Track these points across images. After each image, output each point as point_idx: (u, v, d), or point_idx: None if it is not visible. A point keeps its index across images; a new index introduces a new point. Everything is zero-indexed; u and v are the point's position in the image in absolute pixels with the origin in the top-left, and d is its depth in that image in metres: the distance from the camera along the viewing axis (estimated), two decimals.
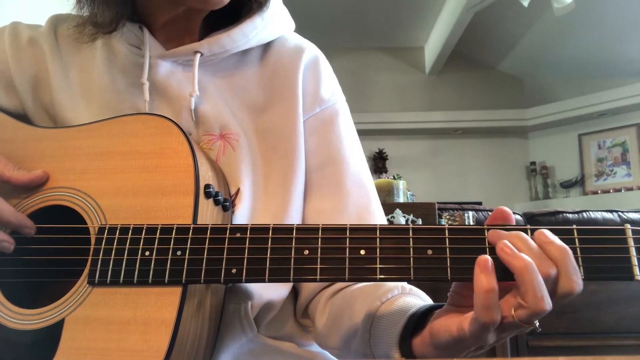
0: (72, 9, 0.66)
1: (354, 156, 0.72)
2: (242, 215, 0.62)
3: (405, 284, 0.60)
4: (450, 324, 0.45)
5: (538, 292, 0.41)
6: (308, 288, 0.67)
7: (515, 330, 0.43)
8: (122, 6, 0.63)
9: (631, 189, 4.74)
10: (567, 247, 0.43)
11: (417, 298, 0.57)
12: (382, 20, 5.04)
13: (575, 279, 0.42)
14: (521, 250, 0.43)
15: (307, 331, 0.71)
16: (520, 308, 0.42)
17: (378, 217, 0.70)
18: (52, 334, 0.49)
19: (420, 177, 5.34)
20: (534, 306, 0.41)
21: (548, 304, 0.41)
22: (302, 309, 0.69)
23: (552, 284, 0.42)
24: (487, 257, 0.43)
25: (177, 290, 0.49)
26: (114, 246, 0.51)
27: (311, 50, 0.75)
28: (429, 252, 0.46)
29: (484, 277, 0.42)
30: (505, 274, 0.43)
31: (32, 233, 0.55)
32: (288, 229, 0.49)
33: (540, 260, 0.42)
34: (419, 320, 0.51)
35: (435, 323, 0.47)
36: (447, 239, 0.46)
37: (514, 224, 0.47)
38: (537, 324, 0.42)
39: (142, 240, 0.50)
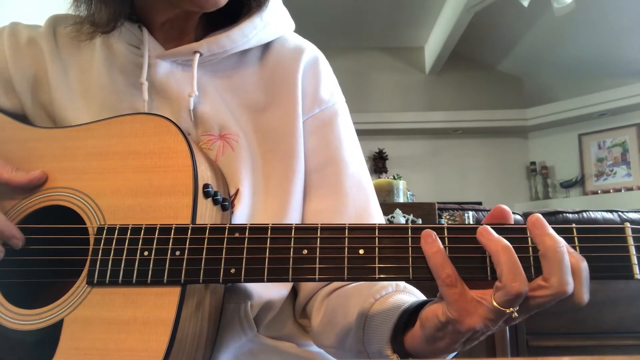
0: (69, 7, 0.66)
1: (353, 157, 0.72)
2: (242, 216, 0.62)
3: (399, 281, 0.60)
4: (437, 309, 0.46)
5: (512, 273, 0.42)
6: (307, 288, 0.67)
7: (498, 318, 0.43)
8: (120, 5, 0.63)
9: (631, 189, 4.74)
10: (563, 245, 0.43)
11: (410, 295, 0.57)
12: (382, 20, 5.04)
13: (567, 281, 0.42)
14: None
15: (307, 331, 0.71)
16: (497, 290, 0.42)
17: (377, 218, 0.70)
18: (52, 334, 0.49)
19: (420, 177, 5.34)
20: (509, 287, 0.41)
21: (523, 285, 0.42)
22: (301, 309, 0.69)
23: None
24: (429, 229, 0.46)
25: (176, 290, 0.49)
26: (113, 246, 0.51)
27: (311, 51, 0.75)
28: None
29: (427, 244, 0.46)
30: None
31: (20, 245, 0.54)
32: (287, 229, 0.49)
33: None
34: (410, 316, 0.51)
35: (423, 313, 0.48)
36: (446, 239, 0.46)
37: (512, 222, 0.47)
38: (515, 311, 0.42)
39: (140, 240, 0.50)
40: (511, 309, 0.42)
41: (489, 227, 0.45)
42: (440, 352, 0.48)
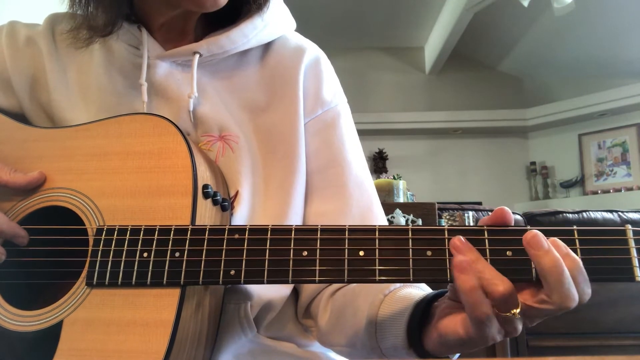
0: (68, 8, 0.65)
1: (356, 158, 0.71)
2: (241, 218, 0.62)
3: None
4: (457, 326, 0.45)
5: (491, 279, 0.42)
6: (309, 288, 0.67)
7: (511, 325, 0.43)
8: (118, 8, 0.63)
9: (631, 189, 4.74)
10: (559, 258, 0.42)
11: (418, 289, 0.57)
12: (382, 20, 5.04)
13: (570, 296, 0.42)
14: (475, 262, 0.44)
15: (309, 331, 0.71)
16: (491, 300, 0.42)
17: (380, 219, 0.70)
18: (51, 336, 0.49)
19: (420, 177, 5.34)
20: (495, 293, 0.42)
21: (506, 285, 0.42)
22: (304, 309, 0.69)
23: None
24: (462, 257, 0.44)
25: (175, 292, 0.49)
26: (112, 247, 0.51)
27: (312, 51, 0.75)
28: (429, 253, 0.46)
29: (463, 277, 0.43)
30: None
31: (26, 242, 0.54)
32: (287, 230, 0.49)
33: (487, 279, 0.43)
34: (424, 309, 0.51)
35: (442, 324, 0.47)
36: (446, 240, 0.46)
37: (513, 224, 0.47)
38: (518, 311, 0.42)
39: (140, 241, 0.50)
40: (513, 310, 0.42)
41: (461, 237, 0.45)
42: (457, 352, 0.49)
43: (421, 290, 0.57)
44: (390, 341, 0.53)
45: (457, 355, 0.51)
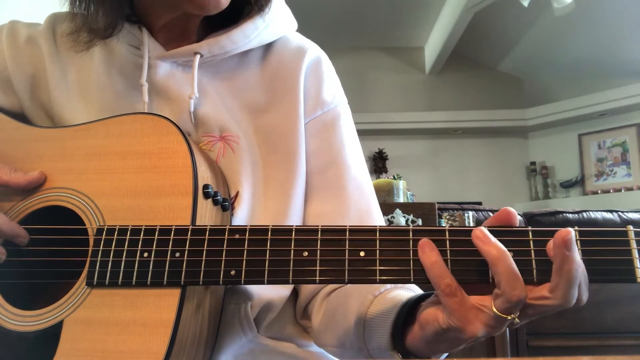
0: (67, 7, 0.65)
1: (355, 160, 0.71)
2: (242, 218, 0.62)
3: None
4: (437, 314, 0.45)
5: (511, 280, 0.41)
6: (307, 289, 0.67)
7: (500, 324, 0.43)
8: (119, 9, 0.63)
9: (631, 189, 4.74)
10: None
11: (409, 291, 0.57)
12: (382, 20, 5.03)
13: (573, 295, 0.42)
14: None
15: (308, 332, 0.71)
16: (497, 297, 0.42)
17: (378, 222, 0.70)
18: (51, 336, 0.49)
19: (420, 177, 5.34)
20: (509, 294, 0.41)
21: (523, 292, 0.41)
22: (302, 310, 0.69)
23: None
24: (426, 238, 0.46)
25: (175, 292, 0.49)
26: (113, 247, 0.51)
27: (313, 52, 0.75)
28: None
29: (424, 254, 0.45)
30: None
31: (26, 242, 0.54)
32: (287, 230, 0.49)
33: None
34: (410, 310, 0.51)
35: (423, 315, 0.47)
36: (447, 241, 0.46)
37: (517, 225, 0.46)
38: (517, 317, 0.42)
39: (140, 241, 0.50)
40: (512, 315, 0.42)
41: (485, 229, 0.45)
42: (441, 352, 0.48)
43: (411, 292, 0.57)
44: (375, 342, 0.53)
45: (445, 355, 0.50)
